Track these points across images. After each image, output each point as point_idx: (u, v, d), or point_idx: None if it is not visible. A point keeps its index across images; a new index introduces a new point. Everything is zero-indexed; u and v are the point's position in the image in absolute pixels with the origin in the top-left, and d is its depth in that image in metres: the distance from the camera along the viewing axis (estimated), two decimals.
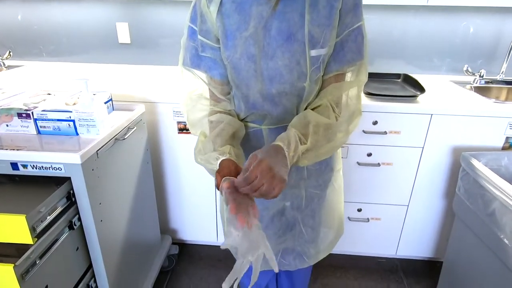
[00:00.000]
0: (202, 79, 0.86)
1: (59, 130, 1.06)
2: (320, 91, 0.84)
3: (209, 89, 0.87)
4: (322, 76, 0.82)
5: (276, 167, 0.66)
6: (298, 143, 0.73)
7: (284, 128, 0.88)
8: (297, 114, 0.86)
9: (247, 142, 0.90)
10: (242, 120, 0.90)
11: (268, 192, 0.65)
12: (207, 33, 0.80)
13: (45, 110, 1.04)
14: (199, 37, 0.80)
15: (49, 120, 1.04)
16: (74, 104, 1.13)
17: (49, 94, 1.23)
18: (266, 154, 0.67)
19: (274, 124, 0.88)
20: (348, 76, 0.82)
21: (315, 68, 0.78)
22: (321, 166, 0.94)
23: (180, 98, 0.92)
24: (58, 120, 1.04)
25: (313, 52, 0.76)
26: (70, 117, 1.03)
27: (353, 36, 0.78)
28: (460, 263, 1.35)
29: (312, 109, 0.82)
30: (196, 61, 0.84)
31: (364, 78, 0.82)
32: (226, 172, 0.70)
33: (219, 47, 0.80)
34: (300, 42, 0.75)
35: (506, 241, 1.06)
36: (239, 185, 0.66)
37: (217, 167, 0.74)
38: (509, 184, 1.07)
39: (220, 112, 0.87)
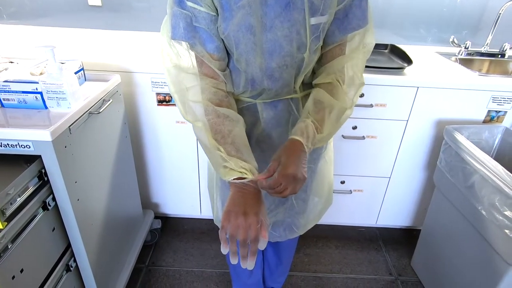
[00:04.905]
0: (197, 54, 0.74)
1: (25, 103, 0.96)
2: (325, 64, 0.80)
3: (203, 65, 0.75)
4: (323, 45, 0.78)
5: (298, 169, 0.67)
6: (316, 133, 0.73)
7: (280, 101, 0.84)
8: (294, 85, 0.82)
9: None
10: (236, 95, 0.84)
11: (291, 194, 0.68)
12: None
13: (7, 81, 0.94)
14: (189, 4, 0.69)
15: (12, 92, 0.95)
16: (41, 74, 1.03)
17: (11, 62, 1.12)
18: (289, 157, 0.68)
19: (270, 98, 0.84)
20: (351, 45, 0.77)
21: (315, 38, 0.73)
22: None
23: (167, 76, 0.77)
24: (23, 92, 0.95)
25: (313, 20, 0.70)
26: (36, 89, 0.94)
27: (357, 1, 0.72)
28: (437, 231, 1.40)
29: (319, 84, 0.79)
30: (190, 32, 0.72)
31: (371, 42, 0.79)
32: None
33: (215, 15, 0.71)
34: (300, 9, 0.69)
35: (484, 213, 1.10)
36: (264, 189, 0.68)
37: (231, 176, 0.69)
38: (490, 158, 1.09)
39: (223, 101, 0.77)
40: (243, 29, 0.71)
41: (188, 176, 1.58)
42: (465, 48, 1.67)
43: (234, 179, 0.68)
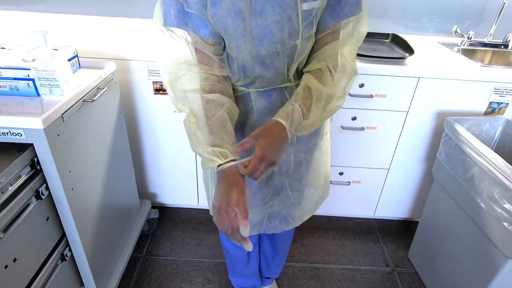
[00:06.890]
0: (191, 41, 0.72)
1: (17, 90, 0.94)
2: (317, 51, 0.77)
3: (197, 52, 0.73)
4: (315, 32, 0.75)
5: (277, 155, 0.67)
6: (302, 118, 0.71)
7: (273, 90, 0.82)
8: (288, 74, 0.80)
9: None
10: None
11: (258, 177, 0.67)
12: None
13: None
14: None
15: (4, 78, 0.93)
16: (33, 60, 1.00)
17: (3, 48, 1.09)
18: (268, 140, 0.66)
19: (263, 87, 0.82)
20: (343, 33, 0.75)
21: (307, 24, 0.71)
22: None
23: (161, 65, 0.76)
24: (15, 78, 0.93)
25: (305, 6, 0.68)
26: (28, 76, 0.92)
27: None
28: (435, 224, 1.40)
29: (309, 71, 0.77)
30: (182, 18, 0.70)
31: (363, 30, 0.75)
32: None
33: (206, 1, 0.68)
34: None
35: (482, 205, 1.09)
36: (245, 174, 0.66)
37: (218, 163, 0.68)
38: (490, 150, 1.08)
39: (216, 86, 0.75)
40: (232, 14, 0.68)
41: (185, 166, 1.57)
42: (468, 38, 1.64)
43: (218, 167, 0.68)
